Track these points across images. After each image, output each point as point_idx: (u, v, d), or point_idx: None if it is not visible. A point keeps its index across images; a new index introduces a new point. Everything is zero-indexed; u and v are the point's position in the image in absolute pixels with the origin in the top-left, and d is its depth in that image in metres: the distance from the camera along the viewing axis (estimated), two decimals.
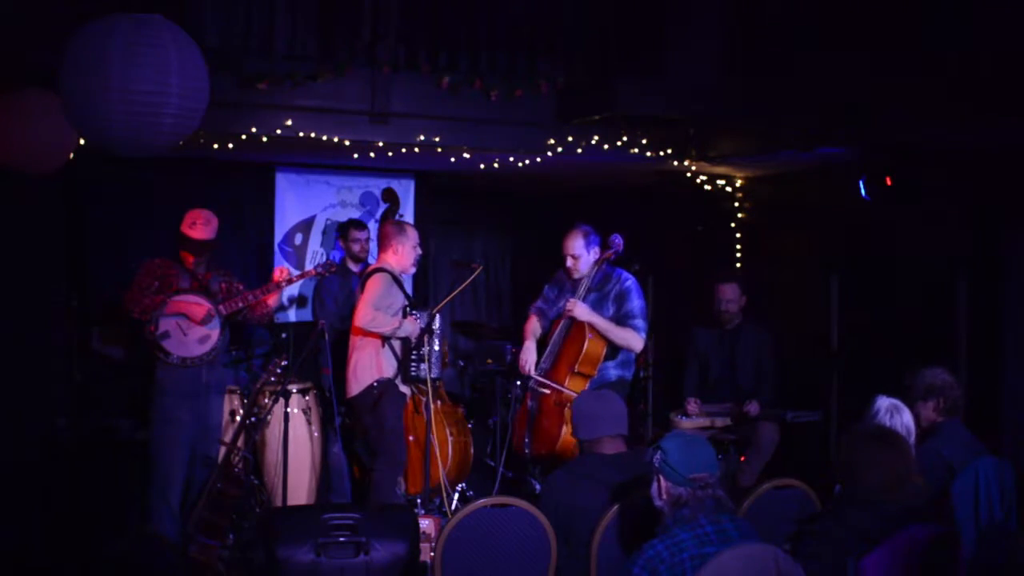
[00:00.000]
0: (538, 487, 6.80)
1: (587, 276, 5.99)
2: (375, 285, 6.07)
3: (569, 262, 6.04)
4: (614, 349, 5.94)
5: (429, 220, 8.56)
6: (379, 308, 6.00)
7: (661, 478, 3.42)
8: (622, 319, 5.92)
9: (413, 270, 6.44)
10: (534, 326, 6.23)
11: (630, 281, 6.00)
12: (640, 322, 5.91)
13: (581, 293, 5.98)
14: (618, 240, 6.01)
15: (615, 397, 4.51)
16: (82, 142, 5.88)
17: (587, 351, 5.81)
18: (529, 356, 6.07)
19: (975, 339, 6.37)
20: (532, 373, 6.01)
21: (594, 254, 6.02)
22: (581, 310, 5.86)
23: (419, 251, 6.32)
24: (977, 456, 4.47)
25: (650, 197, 8.72)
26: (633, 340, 5.90)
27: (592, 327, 5.83)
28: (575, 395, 5.38)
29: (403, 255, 6.22)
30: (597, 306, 5.94)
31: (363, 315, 5.97)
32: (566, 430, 5.66)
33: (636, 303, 5.93)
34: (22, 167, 5.89)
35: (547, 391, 5.89)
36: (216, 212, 6.11)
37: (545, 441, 5.87)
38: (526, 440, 6.00)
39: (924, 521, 3.49)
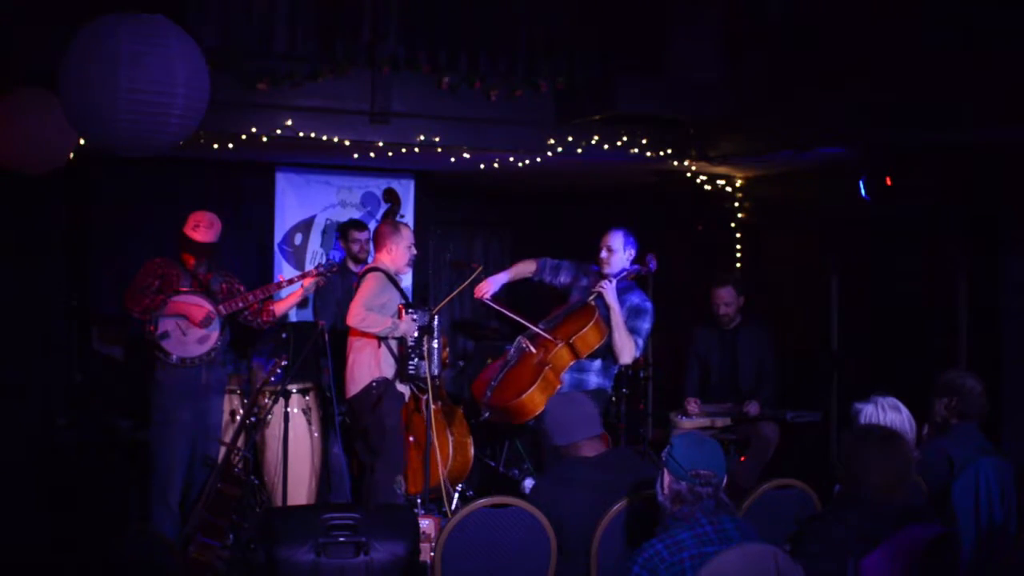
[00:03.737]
0: (532, 484, 6.79)
1: (613, 276, 5.93)
2: (368, 284, 6.06)
3: (604, 253, 6.00)
4: (605, 348, 5.92)
5: (429, 220, 8.56)
6: (371, 308, 5.98)
7: (665, 471, 3.42)
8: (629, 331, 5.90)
9: (408, 270, 6.43)
10: (523, 266, 6.21)
11: (649, 304, 5.96)
12: (641, 341, 5.88)
13: None
14: (653, 261, 6.01)
15: (584, 399, 4.47)
16: (82, 142, 5.88)
17: (589, 328, 5.76)
18: (493, 284, 6.03)
19: (975, 339, 6.37)
20: (487, 300, 5.98)
21: (628, 256, 6.00)
22: (611, 293, 5.82)
23: (414, 251, 6.31)
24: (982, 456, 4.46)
25: (650, 197, 8.72)
26: (629, 348, 5.82)
27: (609, 314, 5.79)
28: (560, 346, 5.67)
29: (397, 255, 6.21)
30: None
31: (355, 314, 5.96)
32: (533, 391, 5.63)
33: (646, 325, 5.90)
34: (22, 167, 5.89)
35: (535, 349, 5.86)
36: (216, 212, 6.10)
37: (508, 390, 5.76)
38: (490, 386, 5.90)
39: (924, 521, 3.49)
